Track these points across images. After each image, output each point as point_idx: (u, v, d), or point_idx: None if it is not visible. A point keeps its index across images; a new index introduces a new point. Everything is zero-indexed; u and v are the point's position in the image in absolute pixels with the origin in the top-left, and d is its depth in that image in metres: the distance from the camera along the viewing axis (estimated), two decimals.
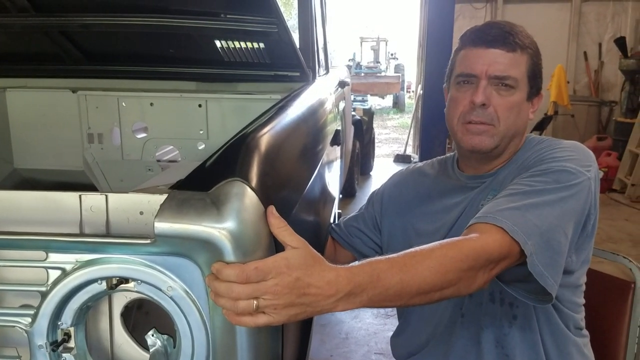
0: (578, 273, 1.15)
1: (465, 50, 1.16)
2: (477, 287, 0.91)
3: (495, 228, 0.93)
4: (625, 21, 7.13)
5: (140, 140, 2.20)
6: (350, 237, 1.38)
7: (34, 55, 2.19)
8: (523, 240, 0.92)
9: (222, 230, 0.73)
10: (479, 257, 0.89)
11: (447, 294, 0.87)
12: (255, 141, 0.95)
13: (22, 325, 0.83)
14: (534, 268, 0.93)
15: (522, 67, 1.13)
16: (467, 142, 1.15)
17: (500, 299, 1.15)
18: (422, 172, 1.37)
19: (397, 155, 7.95)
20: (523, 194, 1.01)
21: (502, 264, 0.93)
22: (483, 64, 1.12)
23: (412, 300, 0.84)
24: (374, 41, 16.51)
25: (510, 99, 1.13)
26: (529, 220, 0.95)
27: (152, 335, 0.89)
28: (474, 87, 1.13)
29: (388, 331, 2.97)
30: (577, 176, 1.03)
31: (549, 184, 1.02)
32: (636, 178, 5.51)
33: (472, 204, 1.18)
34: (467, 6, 7.31)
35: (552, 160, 1.08)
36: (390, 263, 0.81)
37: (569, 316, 1.16)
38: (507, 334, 1.14)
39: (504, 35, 1.12)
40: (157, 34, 1.94)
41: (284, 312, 0.73)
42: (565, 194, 1.01)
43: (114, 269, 0.81)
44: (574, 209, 1.02)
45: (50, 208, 0.84)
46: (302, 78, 2.01)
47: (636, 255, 3.89)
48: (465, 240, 0.92)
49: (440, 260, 0.85)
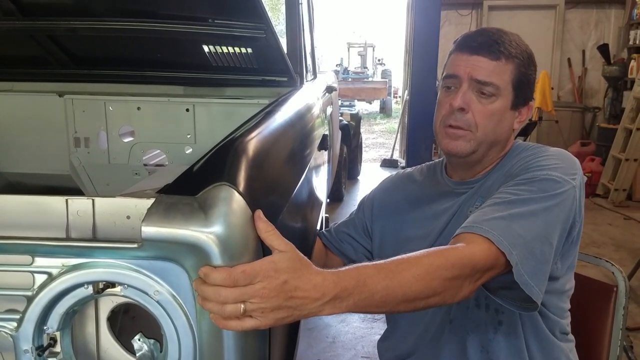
0: (564, 279, 1.16)
1: (454, 54, 1.18)
2: (462, 296, 0.92)
3: (482, 238, 0.94)
4: (609, 28, 7.23)
5: (127, 145, 2.19)
6: (340, 242, 1.38)
7: (21, 58, 2.17)
8: (508, 250, 0.93)
9: (210, 235, 0.73)
10: (464, 266, 0.89)
11: (432, 302, 0.88)
12: (242, 145, 0.95)
13: (8, 329, 0.83)
14: (520, 278, 0.94)
15: (505, 76, 1.12)
16: (445, 146, 1.17)
17: (486, 305, 1.15)
18: (412, 177, 1.37)
19: (384, 160, 7.98)
20: (509, 203, 1.01)
21: (488, 274, 0.94)
22: (466, 67, 1.13)
23: (398, 307, 0.84)
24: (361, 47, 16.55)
25: (490, 106, 1.13)
26: (514, 230, 0.96)
27: (138, 339, 0.89)
28: (455, 92, 1.14)
29: (375, 335, 2.98)
30: (563, 185, 1.04)
31: (534, 193, 1.03)
32: (619, 183, 5.58)
33: (461, 210, 1.18)
34: (453, 13, 7.37)
35: (537, 169, 1.08)
36: (377, 269, 0.82)
37: (555, 322, 1.17)
38: (492, 339, 1.15)
39: (489, 43, 1.12)
40: (144, 38, 1.94)
41: (271, 316, 0.73)
42: (551, 203, 1.02)
43: (101, 273, 0.80)
44: (559, 217, 1.03)
45: (36, 212, 0.84)
46: (289, 83, 2.01)
47: (619, 259, 3.94)
48: (452, 249, 0.93)
49: (426, 268, 0.86)
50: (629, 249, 4.27)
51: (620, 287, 1.32)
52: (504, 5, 7.44)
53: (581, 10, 7.29)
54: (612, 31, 7.19)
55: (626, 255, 4.12)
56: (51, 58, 2.10)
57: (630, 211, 5.36)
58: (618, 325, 1.32)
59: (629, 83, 6.27)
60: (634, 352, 2.55)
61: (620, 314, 1.32)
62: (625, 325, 1.33)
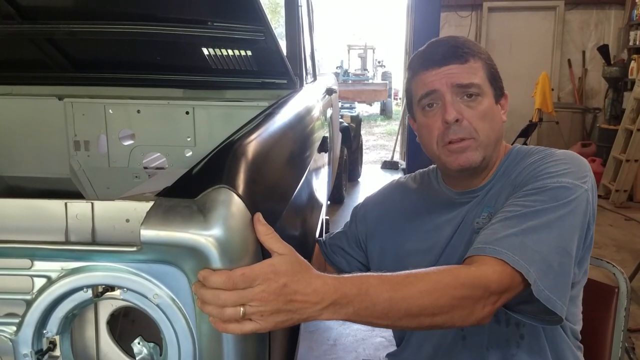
0: (579, 285, 1.14)
1: (418, 75, 1.13)
2: (475, 319, 0.88)
3: (495, 260, 0.91)
4: (609, 29, 7.24)
5: (127, 148, 2.19)
6: (334, 255, 1.35)
7: (20, 62, 2.17)
8: (525, 270, 0.90)
9: (209, 238, 0.73)
10: (475, 287, 0.87)
11: (438, 321, 0.85)
12: (242, 148, 0.95)
13: (7, 334, 0.82)
14: (541, 294, 0.91)
15: (480, 73, 1.11)
16: (454, 163, 1.11)
17: (506, 320, 1.12)
18: (406, 187, 1.33)
19: (384, 162, 7.97)
20: (520, 217, 0.97)
21: (504, 296, 0.91)
22: (442, 79, 1.09)
23: (400, 321, 0.82)
24: (362, 49, 16.57)
25: (480, 107, 1.10)
26: (529, 247, 0.93)
27: (138, 343, 0.89)
28: (441, 107, 1.10)
29: (376, 337, 2.97)
30: (574, 191, 1.00)
31: (545, 203, 0.98)
32: (620, 184, 5.58)
33: (465, 221, 1.15)
34: (452, 14, 7.38)
35: (547, 177, 1.03)
36: (381, 279, 0.81)
37: (571, 329, 1.16)
38: (515, 354, 1.12)
39: (452, 50, 1.10)
40: (144, 41, 1.93)
41: (271, 319, 0.73)
42: (564, 212, 0.98)
43: (100, 276, 0.80)
44: (575, 225, 0.99)
45: (35, 215, 0.83)
46: (289, 85, 2.01)
47: (620, 260, 3.94)
48: (463, 268, 0.91)
49: (434, 284, 0.84)
50: (630, 250, 4.27)
51: (622, 288, 1.32)
52: (504, 7, 7.45)
53: (581, 11, 7.29)
54: (612, 32, 7.20)
55: (627, 256, 4.11)
56: (51, 61, 2.10)
57: (632, 212, 5.36)
58: (620, 326, 1.31)
59: (629, 84, 6.27)
60: (636, 354, 2.55)
61: (621, 316, 1.31)
62: (627, 326, 1.33)
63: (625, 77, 6.36)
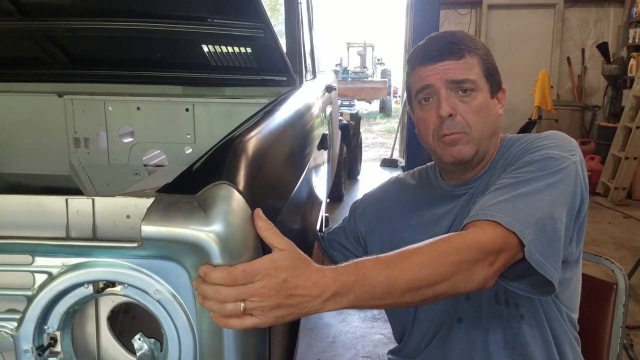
0: (576, 268, 1.15)
1: (415, 70, 1.17)
2: (477, 282, 0.88)
3: (488, 222, 0.93)
4: (608, 27, 7.24)
5: (127, 145, 2.19)
6: (332, 250, 1.37)
7: (20, 59, 2.17)
8: (520, 230, 0.91)
9: (210, 233, 0.73)
10: (470, 249, 0.87)
11: (440, 290, 0.85)
12: (242, 144, 0.95)
13: (8, 329, 0.83)
14: (532, 257, 0.92)
15: (475, 69, 1.13)
16: (447, 155, 1.15)
17: (505, 300, 1.14)
18: (405, 183, 1.36)
19: (383, 160, 7.98)
20: (510, 186, 1.01)
21: (501, 256, 0.91)
22: (437, 74, 1.12)
23: (403, 297, 0.82)
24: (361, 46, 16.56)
25: (473, 103, 1.13)
26: (521, 210, 0.95)
27: (138, 339, 0.89)
28: (437, 101, 1.13)
29: (375, 334, 2.98)
30: (562, 161, 1.03)
31: (534, 172, 1.02)
32: (619, 181, 5.59)
33: (462, 211, 1.17)
34: (452, 12, 7.38)
35: (534, 150, 1.08)
36: (376, 261, 0.82)
37: (569, 316, 1.17)
38: (517, 334, 1.14)
39: (448, 46, 1.13)
40: (144, 38, 1.93)
41: (271, 314, 0.73)
42: (553, 180, 1.01)
43: (101, 272, 0.81)
44: (565, 193, 1.01)
45: (36, 212, 0.84)
46: (289, 82, 2.01)
47: (619, 257, 3.94)
48: (454, 235, 0.91)
49: (428, 254, 0.85)
50: (629, 248, 4.27)
51: (620, 285, 1.33)
52: (503, 4, 7.45)
53: (580, 9, 7.29)
54: (612, 29, 7.20)
55: (626, 253, 4.12)
56: (50, 58, 2.10)
57: (630, 209, 5.37)
58: (618, 323, 1.32)
59: (628, 81, 6.27)
60: (634, 351, 2.56)
61: (620, 312, 1.32)
62: (626, 323, 1.34)
63: (625, 74, 6.37)
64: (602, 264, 1.38)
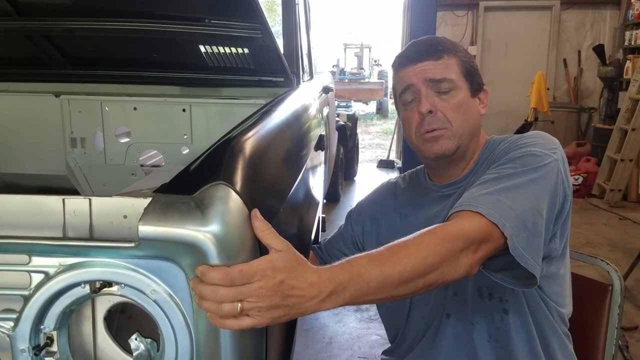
0: (561, 263, 1.17)
1: (398, 72, 1.23)
2: (463, 270, 0.91)
3: (471, 213, 0.96)
4: (604, 29, 7.25)
5: (124, 145, 2.19)
6: (331, 259, 1.38)
7: (17, 59, 2.17)
8: (501, 222, 0.94)
9: (207, 234, 0.73)
10: (455, 238, 0.90)
11: (431, 279, 0.87)
12: (239, 145, 0.95)
13: (4, 329, 0.83)
14: (515, 251, 0.95)
15: (454, 69, 1.18)
16: (429, 151, 1.19)
17: (489, 294, 1.17)
18: (397, 186, 1.40)
19: (380, 161, 7.98)
20: (494, 181, 1.04)
21: (485, 245, 0.94)
22: (417, 74, 1.18)
23: (397, 290, 0.84)
24: (358, 48, 16.55)
25: (452, 100, 1.17)
26: (504, 203, 0.98)
27: (135, 339, 0.89)
28: (418, 100, 1.18)
29: (372, 335, 2.98)
30: (544, 158, 1.07)
31: (517, 168, 1.06)
32: (614, 183, 5.60)
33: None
34: (449, 14, 7.39)
35: (517, 148, 1.12)
36: (368, 257, 0.83)
37: (558, 311, 1.18)
38: (500, 327, 1.16)
39: (426, 49, 1.19)
40: (141, 38, 1.93)
41: (268, 315, 0.73)
42: (535, 176, 1.04)
43: (98, 272, 0.80)
44: (546, 189, 1.04)
45: (33, 211, 0.83)
46: (286, 83, 2.02)
47: (614, 259, 3.96)
48: (440, 226, 0.94)
49: (417, 246, 0.87)
50: (624, 249, 4.29)
51: (616, 286, 1.33)
52: (500, 6, 7.46)
53: (577, 11, 7.31)
54: (608, 32, 7.21)
55: (622, 255, 4.13)
56: (47, 58, 2.10)
57: (626, 211, 5.38)
58: (613, 324, 1.33)
59: (624, 84, 6.29)
60: (630, 352, 2.56)
61: (615, 313, 1.33)
62: (621, 324, 1.34)
63: (621, 76, 6.39)
64: (597, 265, 1.39)
